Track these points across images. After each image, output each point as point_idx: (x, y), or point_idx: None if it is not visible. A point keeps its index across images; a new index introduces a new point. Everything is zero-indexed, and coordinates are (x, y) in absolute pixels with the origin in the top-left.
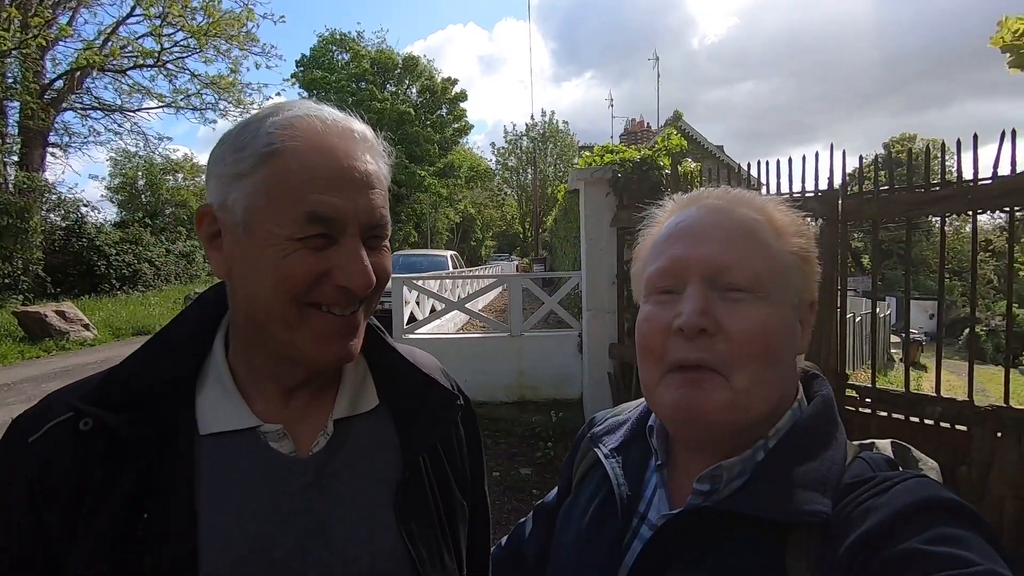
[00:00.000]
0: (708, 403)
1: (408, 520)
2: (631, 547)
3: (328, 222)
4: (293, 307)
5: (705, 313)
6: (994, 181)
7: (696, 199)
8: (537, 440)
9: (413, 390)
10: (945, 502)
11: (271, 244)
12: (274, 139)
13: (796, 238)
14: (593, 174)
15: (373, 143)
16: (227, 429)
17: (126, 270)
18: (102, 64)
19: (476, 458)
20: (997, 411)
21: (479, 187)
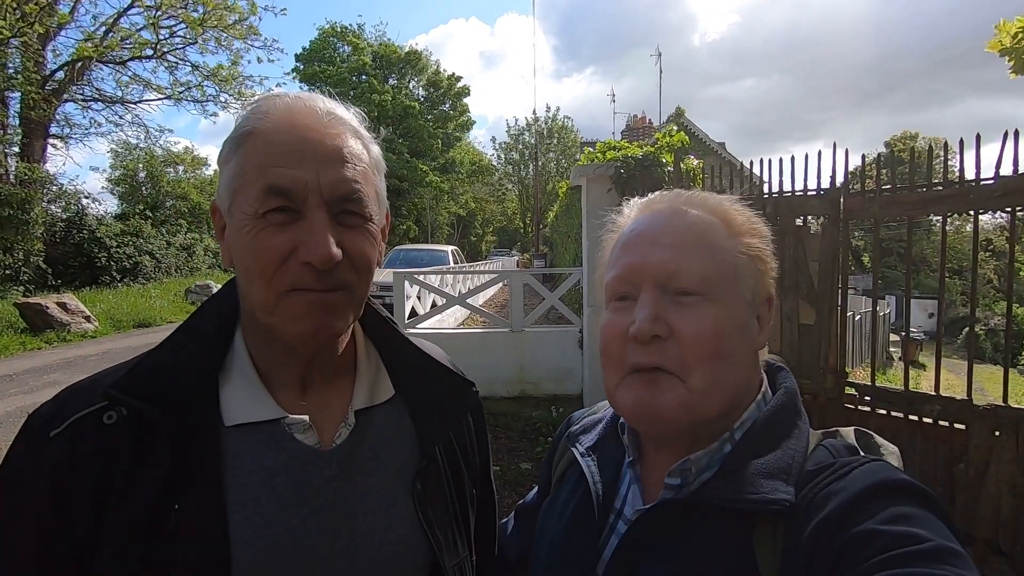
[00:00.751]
0: (663, 403)
1: (425, 506)
2: (608, 543)
3: (286, 194)
4: (271, 294)
5: (656, 319)
6: (996, 181)
7: (649, 205)
8: (537, 435)
9: (428, 380)
10: (899, 483)
11: (244, 223)
12: (247, 123)
13: (749, 238)
14: (596, 170)
15: (346, 120)
16: (252, 420)
17: (127, 262)
18: (102, 55)
19: (484, 447)
20: (995, 410)
21: (480, 182)
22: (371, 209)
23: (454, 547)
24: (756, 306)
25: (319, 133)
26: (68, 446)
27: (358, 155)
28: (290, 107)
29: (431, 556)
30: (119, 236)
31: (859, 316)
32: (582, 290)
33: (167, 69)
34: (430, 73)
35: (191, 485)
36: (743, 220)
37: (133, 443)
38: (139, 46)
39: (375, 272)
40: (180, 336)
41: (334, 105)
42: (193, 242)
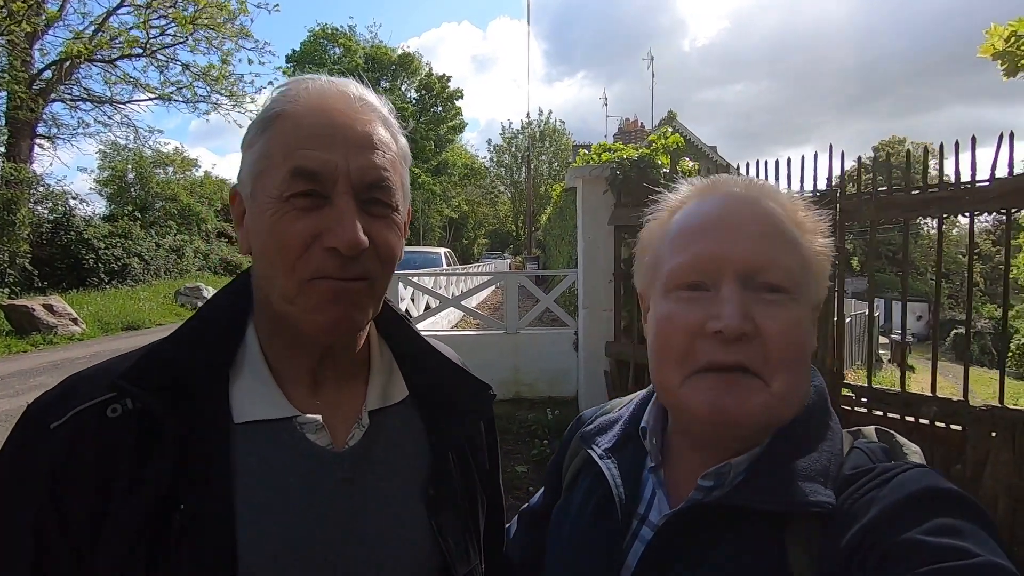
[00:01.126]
0: (746, 406)
1: (437, 512)
2: (631, 548)
3: (314, 177)
4: (293, 282)
5: (747, 317)
6: (991, 183)
7: (717, 185)
8: (532, 438)
9: (443, 381)
10: (945, 493)
11: (267, 207)
12: (275, 105)
13: (819, 236)
14: (591, 172)
15: (377, 108)
16: (263, 418)
17: (115, 264)
18: (91, 54)
19: (494, 451)
20: (992, 411)
21: (472, 185)
22: (398, 198)
23: (466, 555)
24: (816, 309)
25: (350, 118)
26: (69, 440)
27: (387, 143)
28: (322, 90)
29: (442, 564)
30: (107, 237)
31: (848, 319)
32: (577, 292)
33: (157, 68)
34: (422, 75)
35: (198, 484)
36: (810, 218)
37: (138, 439)
38: (128, 44)
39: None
40: (191, 328)
41: (366, 91)
42: (183, 244)
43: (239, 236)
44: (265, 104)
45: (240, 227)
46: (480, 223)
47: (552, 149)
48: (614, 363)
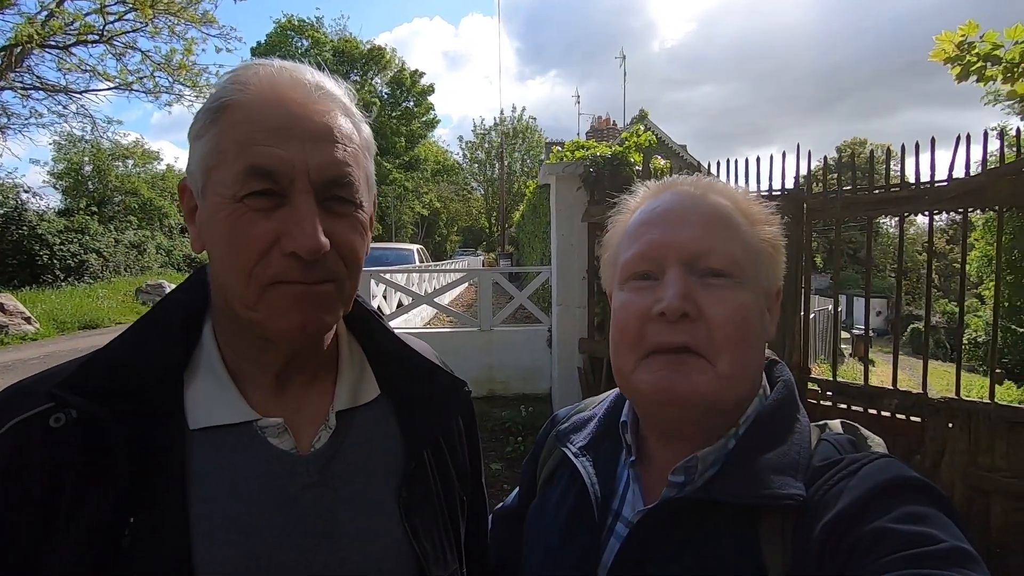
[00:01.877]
0: (690, 385)
1: (411, 515)
2: (608, 545)
3: (270, 176)
4: (252, 287)
5: (687, 297)
6: (949, 184)
7: (669, 185)
8: (507, 435)
9: (416, 378)
10: (911, 481)
11: (220, 207)
12: (223, 93)
13: (766, 226)
14: (565, 169)
15: (336, 96)
16: (221, 423)
17: (71, 260)
18: (44, 40)
19: (475, 450)
20: (949, 403)
21: (445, 181)
22: (361, 194)
23: (443, 559)
24: (768, 297)
25: (307, 109)
26: (9, 453)
27: (349, 135)
28: (274, 78)
29: (418, 568)
30: (62, 233)
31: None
32: (551, 289)
33: (115, 56)
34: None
35: (149, 495)
36: (758, 209)
37: (85, 449)
38: (84, 30)
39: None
40: (141, 329)
41: (323, 78)
42: (144, 240)
43: (191, 233)
44: (213, 91)
45: (192, 223)
46: (453, 220)
47: (524, 146)
48: (587, 360)
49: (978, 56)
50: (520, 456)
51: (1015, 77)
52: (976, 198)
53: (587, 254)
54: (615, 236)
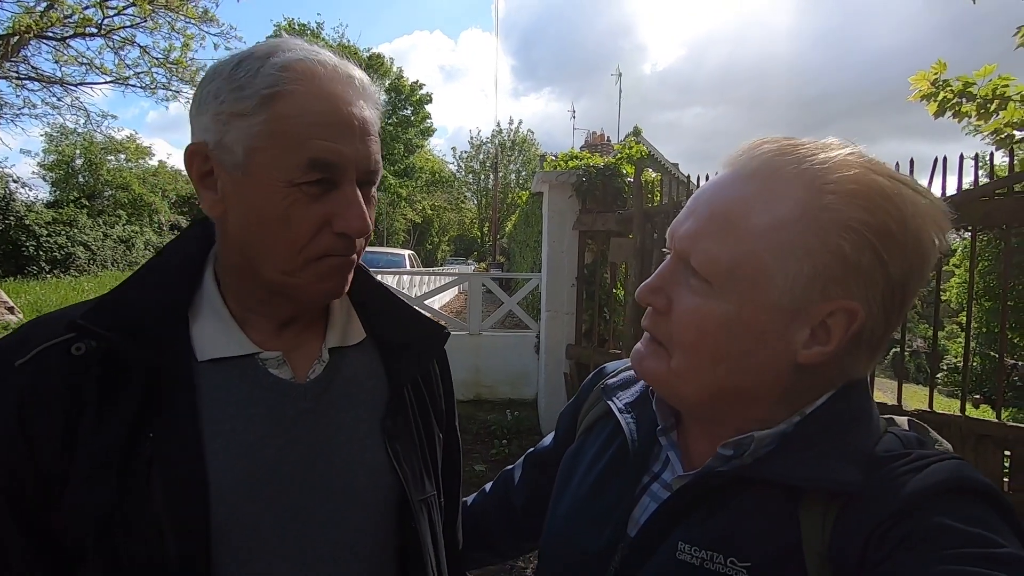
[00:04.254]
0: (644, 367)
1: (394, 442)
2: (640, 502)
3: (329, 168)
4: (299, 260)
5: (656, 290)
6: None
7: (740, 153)
8: (492, 438)
9: (399, 323)
10: (980, 485)
11: (273, 189)
12: (276, 80)
13: (832, 234)
14: (558, 177)
15: (369, 90)
16: (226, 355)
17: (58, 252)
18: (41, 31)
19: (449, 392)
20: (922, 415)
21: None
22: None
23: (421, 483)
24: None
25: (355, 105)
26: (35, 376)
27: (376, 124)
28: (329, 75)
29: (399, 489)
30: (50, 224)
31: None
32: (540, 295)
33: (112, 50)
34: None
35: (165, 414)
36: (835, 212)
37: (104, 375)
38: (83, 23)
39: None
40: (144, 274)
41: (354, 69)
42: (133, 235)
43: (206, 198)
44: (253, 71)
45: (208, 188)
46: (445, 228)
47: (521, 159)
48: (574, 366)
49: (953, 92)
50: (504, 459)
51: (988, 113)
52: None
53: (577, 261)
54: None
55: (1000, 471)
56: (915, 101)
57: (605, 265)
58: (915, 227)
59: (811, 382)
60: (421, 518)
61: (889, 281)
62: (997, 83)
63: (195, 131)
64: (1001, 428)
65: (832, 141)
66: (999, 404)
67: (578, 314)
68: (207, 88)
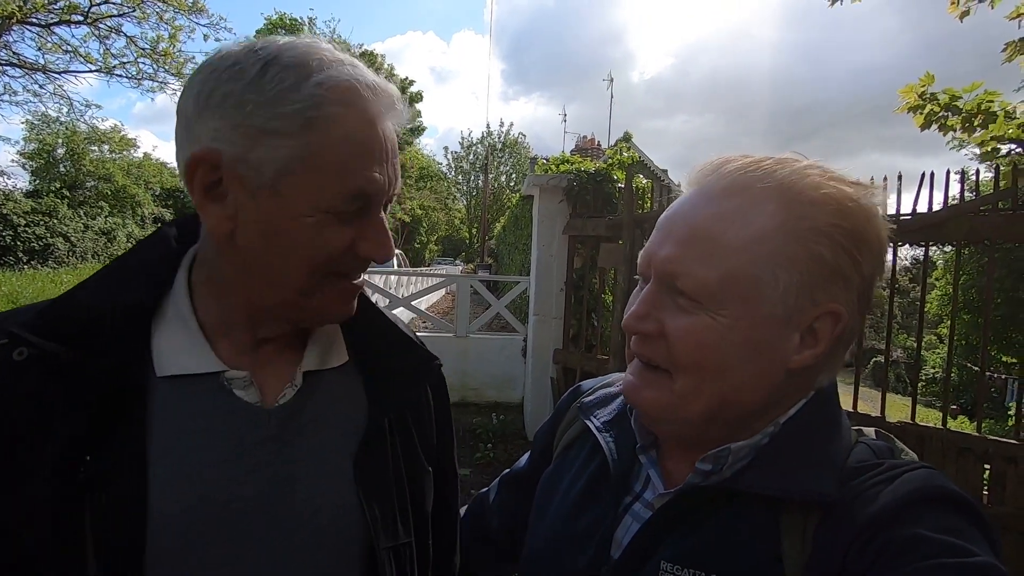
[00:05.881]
0: (644, 398)
1: (365, 479)
2: (623, 521)
3: (368, 198)
4: (315, 277)
5: (645, 317)
6: (913, 217)
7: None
8: (477, 442)
9: (387, 348)
10: (952, 494)
11: (306, 215)
12: (320, 102)
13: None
14: (549, 181)
15: (399, 107)
16: (188, 372)
17: (36, 243)
18: (25, 17)
19: (445, 424)
20: (904, 427)
21: (428, 189)
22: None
23: (393, 528)
24: (796, 321)
25: (389, 130)
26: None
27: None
28: (371, 97)
29: (365, 530)
30: (29, 214)
31: None
32: (529, 299)
33: (98, 39)
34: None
35: (109, 434)
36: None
37: (48, 383)
38: (69, 9)
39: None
40: (107, 273)
41: (393, 88)
42: (115, 227)
43: (212, 212)
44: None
45: (211, 200)
46: (433, 228)
47: (512, 161)
48: (561, 370)
49: (940, 106)
50: (489, 463)
51: (972, 127)
52: (936, 232)
53: (566, 266)
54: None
55: (980, 484)
56: (901, 113)
57: (594, 270)
58: (876, 227)
59: (798, 385)
60: (388, 568)
61: (863, 280)
62: (983, 98)
63: (198, 133)
64: (982, 442)
65: (790, 156)
66: (979, 417)
67: (566, 319)
68: (222, 89)
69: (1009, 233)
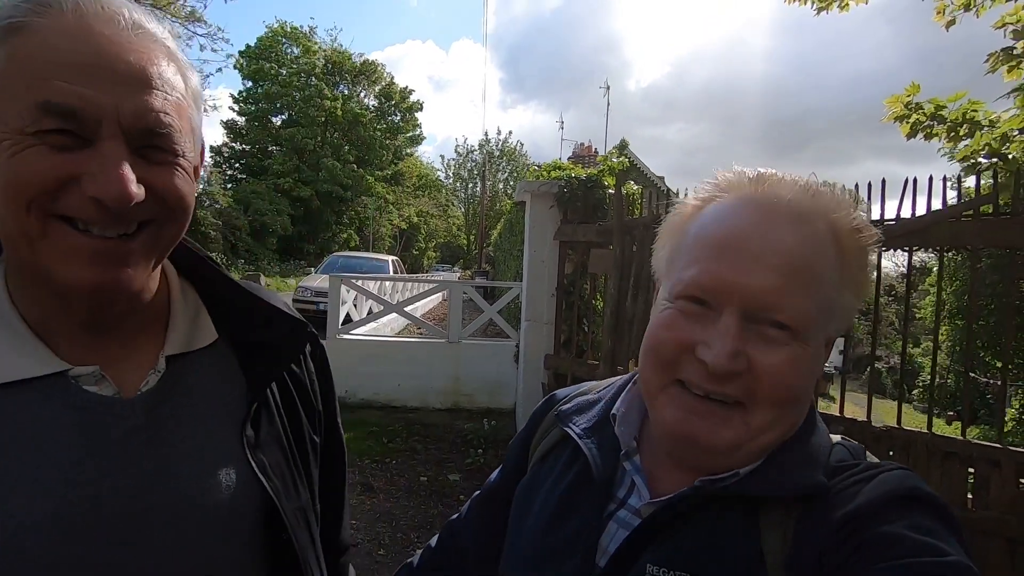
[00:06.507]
0: (715, 436)
1: (257, 452)
2: (607, 529)
3: (70, 116)
4: (33, 217)
5: (738, 355)
6: (897, 223)
7: (761, 188)
8: (468, 447)
9: (257, 322)
10: (927, 496)
11: (3, 138)
12: (16, 12)
13: (860, 270)
14: (540, 187)
15: (159, 38)
16: (24, 377)
17: None
18: None
19: (328, 392)
20: (890, 431)
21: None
22: (183, 146)
23: (294, 491)
24: (831, 340)
25: (123, 48)
26: None
27: (170, 81)
28: (81, 6)
29: (266, 503)
30: None
31: None
32: (521, 304)
33: None
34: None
35: None
36: (858, 246)
37: None
38: None
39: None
40: None
41: (144, 16)
42: None
43: None
44: (7, 6)
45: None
46: (431, 235)
47: (510, 168)
48: (552, 375)
49: (925, 115)
50: (479, 468)
51: (958, 137)
52: (920, 238)
53: (557, 272)
54: (676, 230)
55: (964, 488)
56: (889, 123)
57: (585, 276)
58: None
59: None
60: (299, 528)
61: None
62: (967, 108)
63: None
64: (967, 446)
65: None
66: (964, 421)
67: (557, 324)
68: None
69: (992, 238)
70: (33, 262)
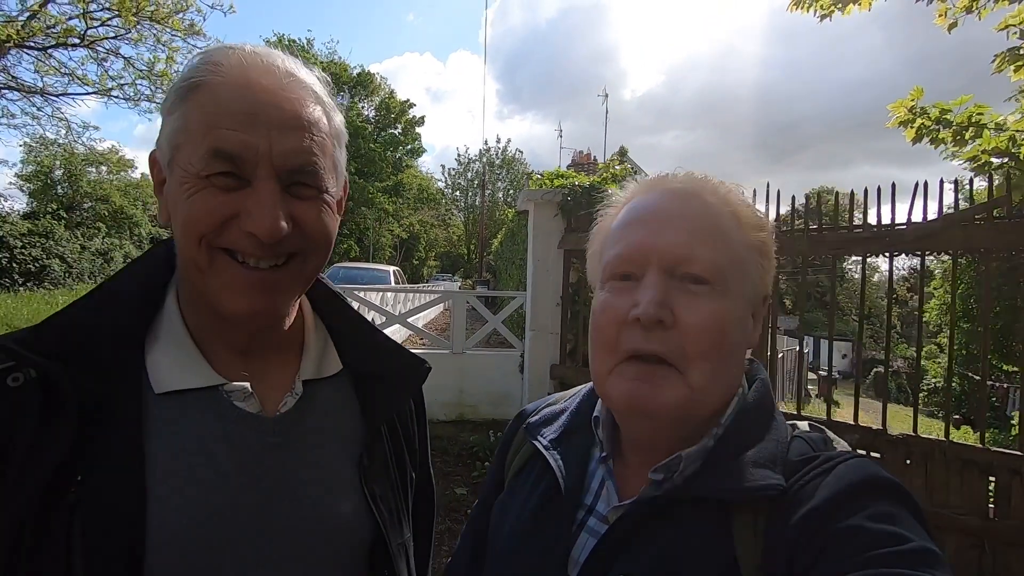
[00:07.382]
0: (660, 398)
1: (371, 482)
2: (578, 539)
3: (234, 159)
4: (203, 250)
5: (663, 304)
6: (909, 227)
7: (659, 183)
8: (474, 460)
9: (377, 355)
10: (883, 481)
11: (183, 182)
12: (195, 73)
13: (757, 231)
14: (543, 196)
15: (307, 84)
16: (187, 387)
17: (32, 265)
18: (23, 40)
19: (424, 434)
20: (907, 439)
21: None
22: (327, 182)
23: (399, 526)
24: (754, 303)
25: (276, 95)
26: None
27: (316, 123)
28: (245, 62)
29: (375, 533)
30: (25, 236)
31: (780, 354)
32: (525, 314)
33: (96, 61)
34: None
35: (102, 455)
36: (751, 213)
37: (41, 409)
38: (65, 33)
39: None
40: (99, 294)
41: (296, 65)
42: (111, 248)
43: (159, 205)
44: (185, 70)
45: (160, 195)
46: (432, 245)
47: (509, 177)
48: (558, 386)
49: (930, 120)
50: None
51: (964, 140)
52: (932, 242)
53: (562, 280)
54: (602, 231)
55: (985, 498)
56: (892, 127)
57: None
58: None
59: (742, 369)
60: (400, 562)
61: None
62: (972, 111)
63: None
64: (986, 454)
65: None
66: (981, 429)
67: (562, 333)
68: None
69: (1004, 242)
70: (203, 288)
